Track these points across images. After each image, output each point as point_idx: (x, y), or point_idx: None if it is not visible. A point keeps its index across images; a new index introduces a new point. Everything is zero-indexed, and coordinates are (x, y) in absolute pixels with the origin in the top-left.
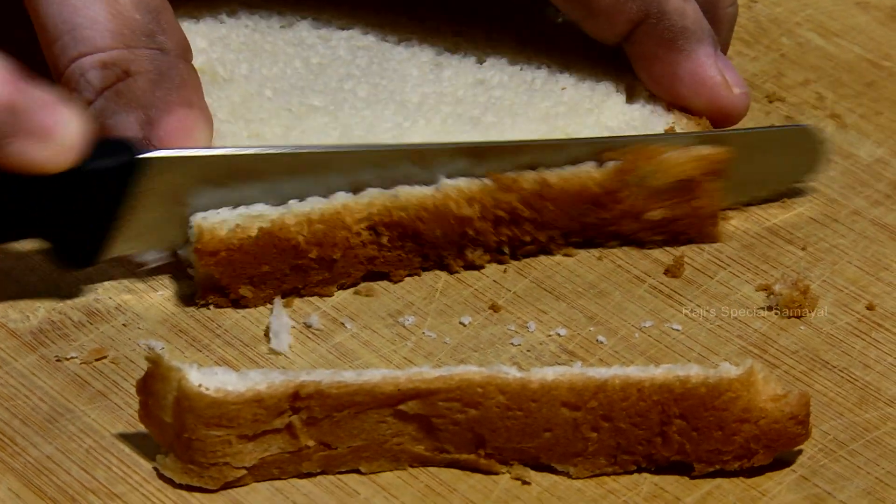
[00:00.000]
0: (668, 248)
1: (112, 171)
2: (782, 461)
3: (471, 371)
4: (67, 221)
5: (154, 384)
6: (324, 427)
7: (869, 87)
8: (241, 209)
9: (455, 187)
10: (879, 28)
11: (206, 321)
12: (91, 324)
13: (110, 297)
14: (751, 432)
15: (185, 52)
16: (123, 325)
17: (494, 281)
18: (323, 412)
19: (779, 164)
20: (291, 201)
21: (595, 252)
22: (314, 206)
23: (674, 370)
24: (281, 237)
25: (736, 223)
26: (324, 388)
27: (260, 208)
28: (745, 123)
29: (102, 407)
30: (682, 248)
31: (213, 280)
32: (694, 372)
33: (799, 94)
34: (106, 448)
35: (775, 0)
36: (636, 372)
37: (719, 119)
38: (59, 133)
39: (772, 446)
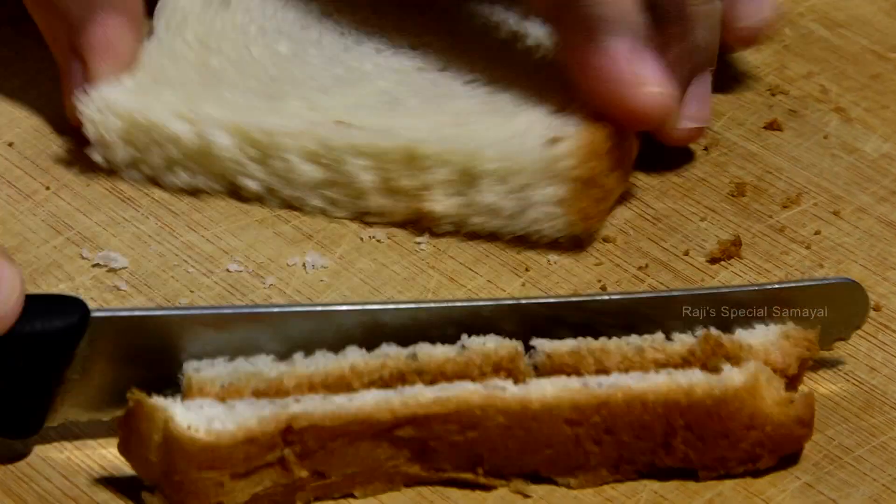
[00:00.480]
0: (666, 248)
1: (60, 332)
2: (786, 465)
3: (468, 390)
4: (5, 388)
5: (138, 423)
6: (317, 457)
7: (874, 79)
8: (240, 361)
9: (481, 350)
10: (885, 19)
11: None
12: None
13: (92, 298)
14: (757, 438)
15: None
16: None
17: (488, 281)
18: (316, 443)
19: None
20: (296, 356)
21: (593, 252)
22: (319, 365)
23: (676, 378)
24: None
25: (737, 221)
26: (317, 420)
27: (260, 363)
28: (746, 113)
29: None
30: (681, 245)
31: None
32: (697, 379)
33: (802, 86)
34: (87, 454)
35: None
36: (638, 382)
37: (627, 123)
38: None
39: (777, 450)
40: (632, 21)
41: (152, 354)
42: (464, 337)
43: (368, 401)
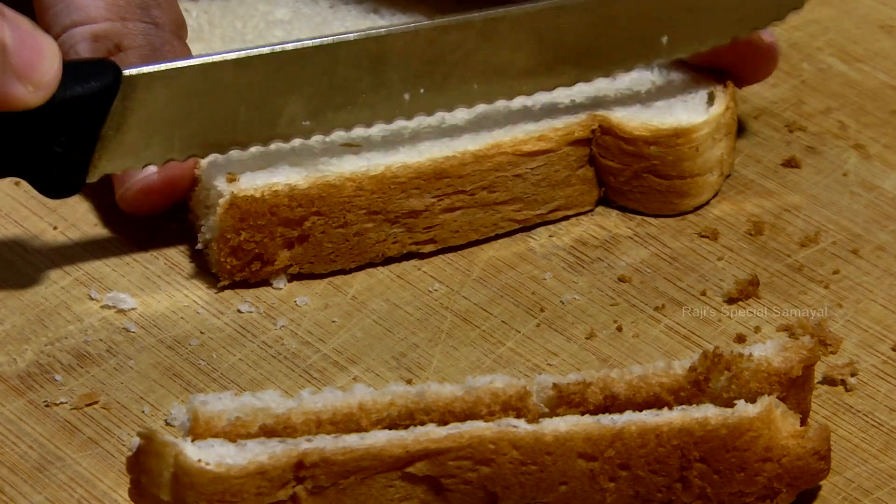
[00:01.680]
0: (683, 287)
1: (93, 95)
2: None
3: (480, 427)
4: (48, 152)
5: (147, 461)
6: (329, 495)
7: (894, 115)
8: (247, 396)
9: (488, 389)
10: None
11: (201, 364)
12: (81, 367)
13: (101, 340)
14: (774, 471)
15: (180, 28)
16: (115, 368)
17: (503, 321)
18: (329, 480)
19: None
20: (304, 393)
21: (609, 291)
22: (327, 401)
23: (689, 412)
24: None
25: (755, 260)
26: (329, 455)
27: (268, 398)
28: (763, 150)
29: (94, 454)
30: (698, 284)
31: None
32: (711, 413)
33: (820, 122)
34: (98, 498)
35: (795, 24)
36: (651, 417)
37: (749, 65)
38: (40, 70)
39: (795, 484)
40: None
41: (184, 104)
42: (468, 379)
43: (380, 438)
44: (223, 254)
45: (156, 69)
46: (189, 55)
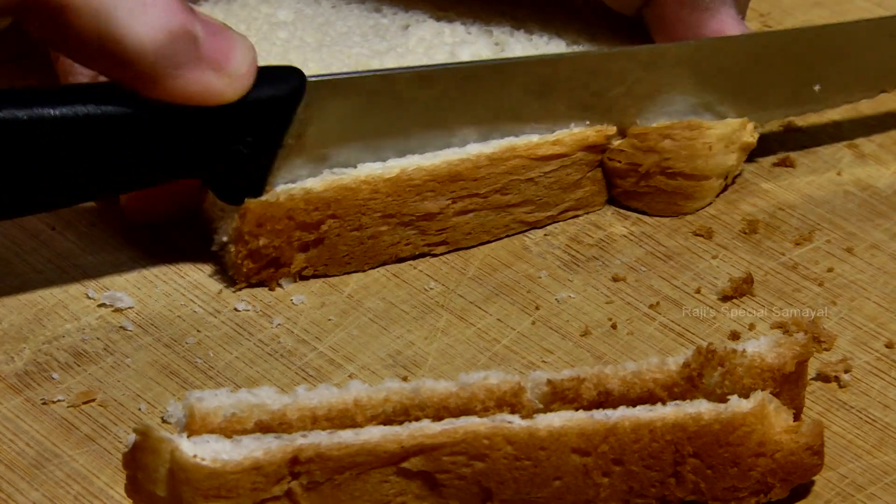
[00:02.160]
0: (678, 285)
1: (281, 99)
2: (798, 502)
3: (475, 422)
4: (233, 154)
5: (143, 457)
6: (325, 491)
7: (888, 114)
8: (243, 392)
9: (482, 385)
10: None
11: (197, 362)
12: (78, 365)
13: (98, 338)
14: (767, 466)
15: None
16: (112, 366)
17: (498, 319)
18: (324, 475)
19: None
20: (299, 389)
21: (603, 290)
22: (322, 398)
23: (683, 407)
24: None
25: (749, 258)
26: (324, 451)
27: (263, 394)
28: (757, 149)
29: (90, 452)
30: (693, 282)
31: None
32: (704, 408)
33: (814, 122)
34: (94, 494)
35: (789, 26)
36: (645, 412)
37: None
38: (234, 61)
39: (788, 479)
40: None
41: (359, 114)
42: (462, 375)
43: (375, 433)
44: (240, 256)
45: (339, 77)
46: None
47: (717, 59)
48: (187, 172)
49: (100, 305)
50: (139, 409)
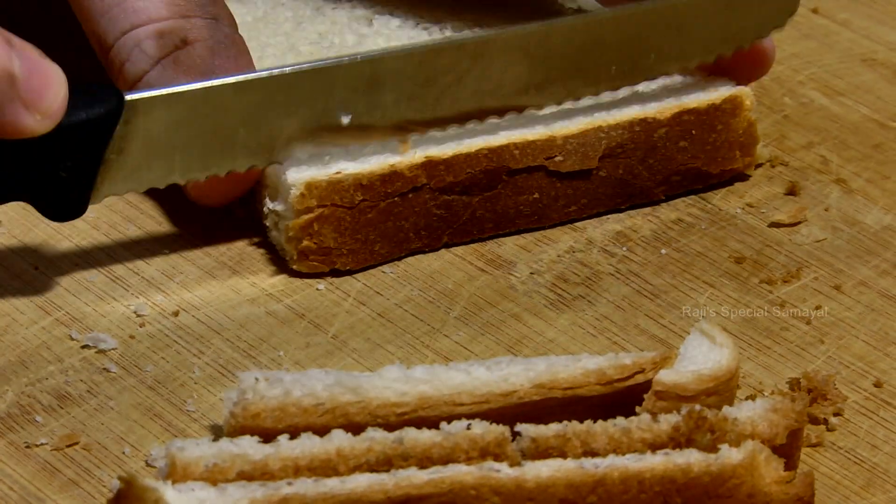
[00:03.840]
0: (665, 324)
1: (97, 120)
2: None
3: (462, 472)
4: (53, 176)
5: None
6: None
7: (876, 149)
8: (224, 442)
9: (466, 435)
10: (887, 87)
11: (181, 404)
12: (61, 408)
13: (81, 380)
14: None
15: (234, 22)
16: (95, 409)
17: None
18: None
19: (747, 14)
20: (281, 439)
21: (590, 329)
22: (304, 447)
23: (672, 457)
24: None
25: (737, 296)
26: (309, 500)
27: (245, 444)
28: (745, 186)
29: (74, 496)
30: (680, 322)
31: None
32: (694, 459)
33: (802, 157)
34: None
35: (777, 58)
36: (634, 462)
37: (748, 65)
38: (47, 98)
39: None
40: None
41: (185, 127)
42: (443, 425)
43: (361, 482)
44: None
45: (157, 94)
46: (246, 46)
47: (548, 44)
48: (12, 196)
49: (83, 347)
50: (123, 453)
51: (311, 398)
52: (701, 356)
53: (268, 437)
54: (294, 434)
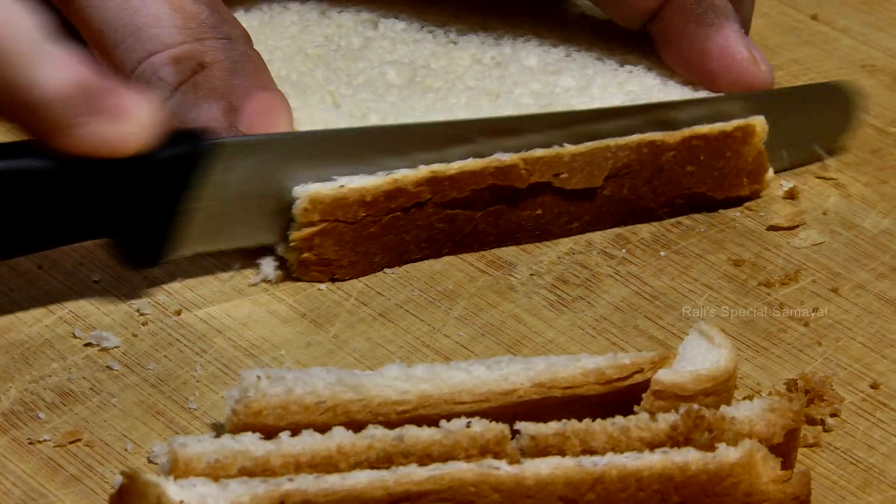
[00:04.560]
0: (664, 325)
1: (184, 159)
2: None
3: (462, 469)
4: (135, 214)
5: (130, 500)
6: None
7: (874, 154)
8: (226, 438)
9: (466, 433)
10: (886, 93)
11: (183, 402)
12: (65, 405)
13: (84, 378)
14: None
15: (248, 38)
16: (98, 406)
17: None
18: None
19: (812, 123)
20: (283, 435)
21: (589, 330)
22: (306, 444)
23: (671, 455)
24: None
25: (735, 298)
26: (311, 496)
27: (247, 440)
28: None
29: (77, 492)
30: (679, 323)
31: None
32: (692, 457)
33: (801, 161)
34: None
35: (777, 64)
36: (632, 460)
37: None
38: (132, 113)
39: None
40: (729, 5)
41: (268, 180)
42: (443, 423)
43: (362, 479)
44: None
45: (242, 140)
46: (263, 61)
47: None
48: (98, 230)
49: (86, 345)
50: (125, 450)
51: (313, 396)
52: (699, 356)
53: (270, 434)
54: (296, 431)
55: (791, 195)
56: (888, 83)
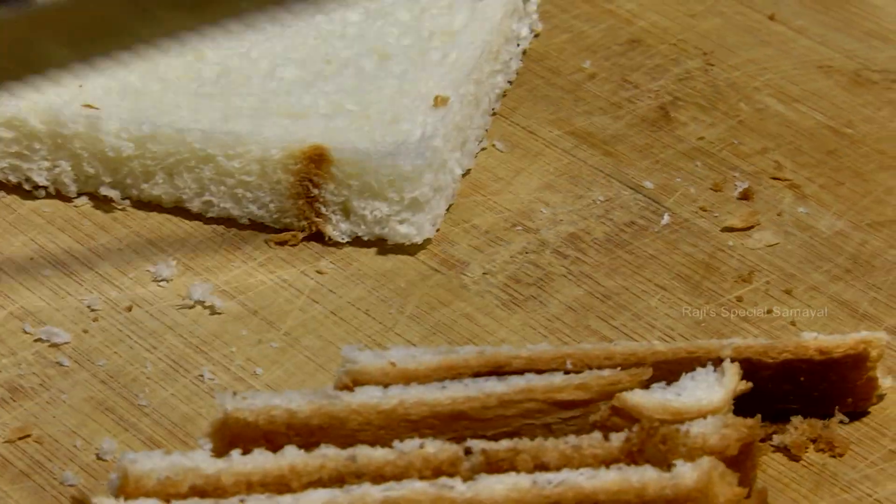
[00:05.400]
0: (616, 326)
1: None
2: None
3: (416, 489)
4: None
5: None
6: None
7: (830, 155)
8: (177, 455)
9: (420, 453)
10: (842, 93)
11: (133, 399)
12: (14, 401)
13: (34, 373)
14: None
15: None
16: (48, 402)
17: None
18: None
19: None
20: (234, 453)
21: (541, 329)
22: (257, 464)
23: (627, 473)
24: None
25: (689, 299)
26: None
27: (198, 458)
28: (698, 190)
29: (25, 488)
30: (631, 323)
31: None
32: (649, 477)
33: (756, 162)
34: None
35: (733, 63)
36: (588, 479)
37: None
38: None
39: None
40: None
41: None
42: (396, 443)
43: (315, 499)
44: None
45: None
46: None
47: None
48: None
49: (36, 340)
50: (74, 446)
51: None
52: (700, 390)
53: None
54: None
55: (745, 196)
56: (845, 84)
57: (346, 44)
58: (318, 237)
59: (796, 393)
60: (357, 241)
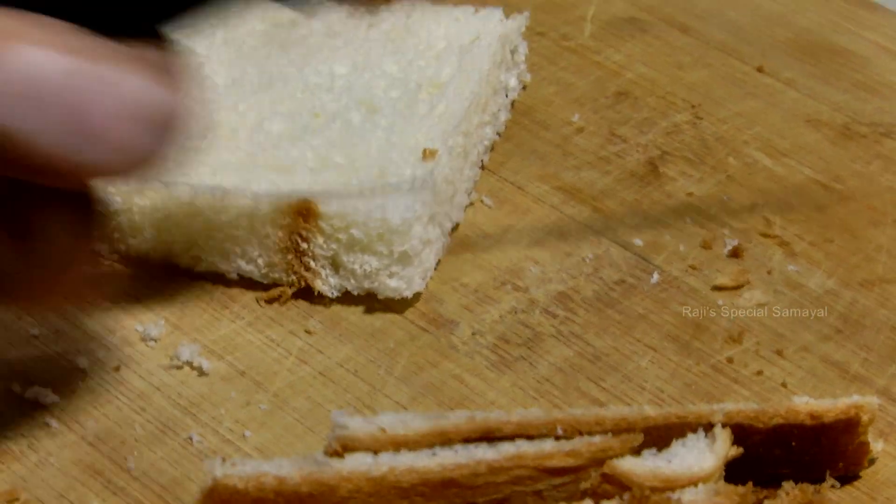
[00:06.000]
0: (605, 387)
1: None
2: None
3: None
4: None
5: None
6: None
7: (819, 211)
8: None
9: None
10: (831, 147)
11: (122, 462)
12: (2, 463)
13: (22, 435)
14: None
15: None
16: (36, 464)
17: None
18: None
19: None
20: None
21: (531, 391)
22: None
23: None
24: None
25: (678, 360)
26: None
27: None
28: (688, 247)
29: None
30: (621, 385)
31: None
32: None
33: (746, 219)
34: None
35: (721, 117)
36: None
37: None
38: None
39: None
40: None
41: None
42: None
43: None
44: None
45: None
46: None
47: None
48: None
49: (24, 401)
50: None
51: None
52: (691, 457)
53: None
54: None
55: (735, 253)
56: (833, 138)
57: (333, 97)
58: (307, 293)
59: (787, 457)
60: (345, 299)
